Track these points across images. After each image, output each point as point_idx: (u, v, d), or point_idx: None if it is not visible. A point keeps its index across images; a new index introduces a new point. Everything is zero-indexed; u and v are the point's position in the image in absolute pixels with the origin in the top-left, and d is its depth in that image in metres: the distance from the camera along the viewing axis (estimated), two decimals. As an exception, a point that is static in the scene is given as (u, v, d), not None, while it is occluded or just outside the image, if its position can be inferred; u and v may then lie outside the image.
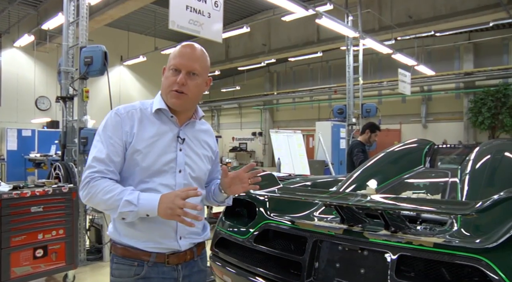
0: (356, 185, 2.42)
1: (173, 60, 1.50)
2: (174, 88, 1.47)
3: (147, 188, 1.43)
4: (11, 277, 3.53)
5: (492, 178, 2.23)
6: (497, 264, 1.30)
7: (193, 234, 1.53)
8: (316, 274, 1.69)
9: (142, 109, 1.52)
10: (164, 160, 1.46)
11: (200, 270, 1.60)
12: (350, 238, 1.65)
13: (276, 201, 2.14)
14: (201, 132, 1.63)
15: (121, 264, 1.48)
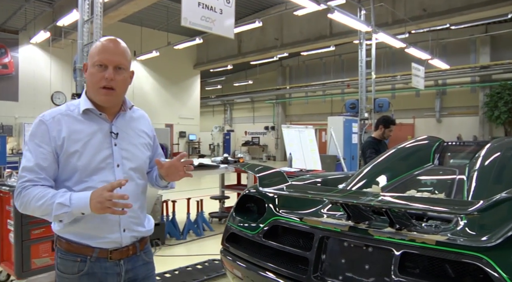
0: (364, 182, 2.46)
1: (98, 55, 1.47)
2: (102, 85, 1.46)
3: (88, 187, 1.43)
4: (32, 267, 3.67)
5: (501, 175, 2.25)
6: (497, 262, 1.34)
7: (136, 225, 1.55)
8: (322, 269, 1.74)
9: (68, 112, 1.51)
10: (100, 157, 1.47)
11: (144, 263, 1.62)
12: (356, 235, 1.70)
13: (285, 198, 2.20)
14: (133, 121, 1.63)
15: (65, 260, 1.50)
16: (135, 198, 1.55)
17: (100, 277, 1.50)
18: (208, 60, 21.36)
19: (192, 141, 22.52)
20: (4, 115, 14.43)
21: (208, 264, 4.24)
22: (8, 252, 3.87)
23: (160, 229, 5.19)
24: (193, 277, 3.87)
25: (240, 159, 6.46)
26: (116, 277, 1.53)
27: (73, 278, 1.49)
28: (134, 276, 1.58)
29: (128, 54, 1.55)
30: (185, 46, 15.08)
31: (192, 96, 22.11)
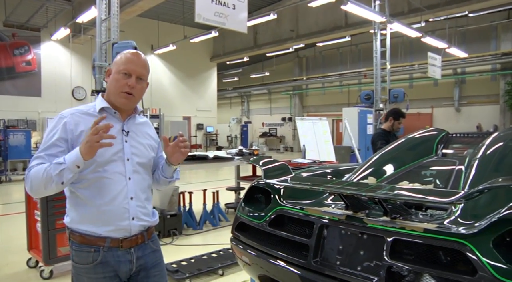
0: (367, 173, 2.58)
1: (124, 65, 1.67)
2: (125, 90, 1.66)
3: (101, 176, 1.61)
4: (58, 255, 3.92)
5: (499, 165, 2.32)
6: (477, 248, 1.45)
7: (144, 215, 1.71)
8: (322, 254, 1.88)
9: (85, 110, 1.70)
10: (113, 151, 1.63)
11: (153, 250, 1.78)
12: (352, 223, 1.82)
13: (290, 189, 2.34)
14: (140, 125, 1.82)
15: (79, 251, 1.64)
16: (142, 190, 1.73)
17: (113, 265, 1.65)
18: (225, 53, 21.49)
19: (210, 133, 22.78)
20: (28, 110, 14.92)
21: (223, 252, 4.42)
22: (36, 241, 4.14)
23: (177, 219, 5.41)
24: (208, 264, 4.06)
25: (254, 151, 6.61)
26: (129, 264, 1.68)
27: (88, 267, 1.63)
28: (144, 263, 1.74)
29: (148, 67, 1.76)
30: (201, 39, 15.23)
31: (209, 89, 22.32)
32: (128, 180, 1.66)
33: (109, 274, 1.65)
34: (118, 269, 1.66)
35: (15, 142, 11.61)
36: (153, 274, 1.77)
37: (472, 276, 1.43)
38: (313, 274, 1.85)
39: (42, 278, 3.90)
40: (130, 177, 1.67)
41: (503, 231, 1.46)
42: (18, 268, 4.22)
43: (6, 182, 11.19)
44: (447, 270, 1.52)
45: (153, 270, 1.77)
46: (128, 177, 1.67)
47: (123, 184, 1.65)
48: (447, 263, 1.58)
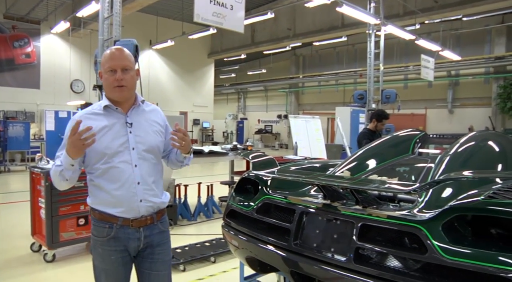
0: (348, 168, 2.83)
1: (107, 63, 1.88)
2: (115, 85, 1.87)
3: (111, 166, 1.86)
4: (60, 240, 4.17)
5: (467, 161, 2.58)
6: (430, 232, 1.71)
7: (152, 196, 1.93)
8: (301, 238, 2.14)
9: (93, 110, 1.93)
10: (119, 143, 1.88)
11: (160, 231, 2.01)
12: (327, 210, 2.08)
13: (277, 180, 2.59)
14: (146, 113, 2.01)
15: (97, 226, 1.92)
16: (149, 174, 1.95)
17: (123, 240, 1.91)
18: (222, 50, 21.69)
19: (206, 128, 23.01)
20: (26, 102, 15.08)
21: (215, 242, 4.68)
22: (40, 226, 4.39)
23: (173, 211, 5.66)
24: (201, 252, 4.32)
25: (248, 147, 6.86)
26: (137, 241, 1.93)
27: (103, 240, 1.91)
28: (150, 242, 1.98)
29: (131, 58, 1.95)
30: (200, 36, 15.42)
31: (206, 85, 22.53)
32: (134, 167, 1.89)
33: (119, 248, 1.91)
34: (127, 244, 1.92)
35: (14, 133, 11.80)
36: (157, 251, 2.00)
37: (423, 255, 1.70)
38: (293, 254, 2.12)
39: (46, 261, 4.15)
40: (136, 164, 1.90)
41: (450, 218, 1.72)
42: (22, 252, 4.47)
43: (5, 172, 11.40)
44: (404, 250, 1.78)
45: (158, 248, 2.00)
46: (134, 164, 1.89)
47: (129, 171, 1.88)
48: (405, 245, 1.84)
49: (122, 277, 1.96)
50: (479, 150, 2.78)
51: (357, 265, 1.87)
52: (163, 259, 2.03)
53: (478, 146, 2.81)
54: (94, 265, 1.98)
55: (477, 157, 2.69)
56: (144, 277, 2.02)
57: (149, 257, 1.99)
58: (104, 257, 1.92)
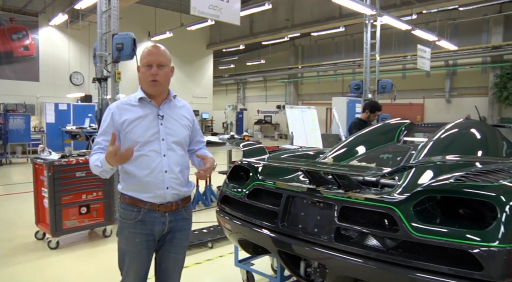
0: (335, 155, 2.99)
1: (145, 59, 2.05)
2: (150, 79, 2.03)
3: (141, 154, 2.02)
4: (63, 227, 4.35)
5: (448, 148, 2.74)
6: (402, 213, 1.87)
7: (177, 185, 2.09)
8: (288, 220, 2.31)
9: (128, 101, 2.10)
10: (150, 133, 2.04)
11: (183, 218, 2.17)
12: (311, 194, 2.25)
13: (268, 167, 2.75)
14: (177, 108, 2.19)
15: (126, 210, 2.09)
16: (176, 164, 2.10)
17: (150, 224, 2.06)
18: (221, 41, 21.71)
19: (205, 119, 23.14)
20: (26, 95, 15.16)
21: (213, 228, 4.86)
22: (43, 215, 4.56)
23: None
24: (199, 238, 4.50)
25: (245, 137, 7.01)
26: (162, 225, 2.08)
27: (130, 223, 2.07)
28: (174, 227, 2.14)
29: (167, 55, 2.11)
30: (198, 27, 15.46)
31: (205, 76, 22.60)
32: (163, 157, 2.05)
33: (145, 231, 2.06)
34: (153, 228, 2.07)
35: (15, 126, 11.93)
36: (178, 236, 2.16)
37: (396, 233, 1.86)
38: (280, 235, 2.29)
39: (50, 248, 4.33)
40: (165, 154, 2.05)
41: (420, 199, 1.88)
42: (27, 239, 4.65)
43: (7, 164, 11.56)
44: (380, 230, 1.95)
45: (179, 234, 2.17)
46: (163, 154, 2.05)
47: (158, 160, 2.04)
48: (381, 224, 2.00)
49: (144, 260, 2.10)
50: (458, 137, 2.94)
51: (338, 243, 2.04)
52: (181, 244, 2.20)
53: (458, 134, 2.97)
54: (119, 248, 2.14)
55: (456, 143, 2.85)
56: (163, 257, 2.18)
57: (170, 241, 2.16)
58: (129, 239, 2.08)
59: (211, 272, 3.88)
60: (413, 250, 1.88)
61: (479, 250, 1.66)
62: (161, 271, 2.21)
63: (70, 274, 3.75)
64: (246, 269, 3.40)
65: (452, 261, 1.75)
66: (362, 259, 1.95)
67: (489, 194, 1.77)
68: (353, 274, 2.06)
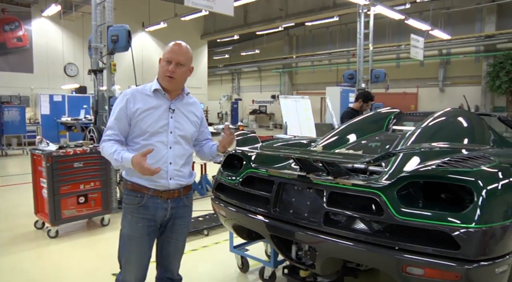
0: (326, 143, 3.10)
1: (167, 54, 2.11)
2: (167, 74, 2.09)
3: (148, 144, 2.08)
4: (62, 217, 4.45)
5: (434, 135, 2.85)
6: (386, 196, 1.99)
7: (180, 177, 2.18)
8: (279, 205, 2.42)
9: (143, 90, 2.16)
10: (160, 124, 2.11)
11: (184, 205, 2.25)
12: (302, 181, 2.36)
13: (261, 155, 2.85)
14: (188, 105, 2.26)
15: (129, 195, 2.16)
16: (180, 157, 2.18)
17: (152, 209, 2.14)
18: (215, 31, 21.66)
19: (200, 110, 23.15)
20: (20, 86, 15.10)
21: (208, 217, 4.98)
22: (42, 205, 4.65)
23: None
24: (195, 226, 4.62)
25: (239, 127, 7.10)
26: (164, 211, 2.16)
27: (134, 208, 2.15)
28: (175, 213, 2.21)
29: (189, 55, 2.16)
30: (192, 17, 15.43)
31: (199, 66, 22.56)
32: (169, 149, 2.13)
33: (147, 216, 2.14)
34: (155, 213, 2.14)
35: (10, 118, 11.91)
36: (178, 223, 2.25)
37: (380, 216, 1.98)
38: (272, 220, 2.40)
39: (49, 237, 4.43)
40: (171, 146, 2.14)
41: (403, 185, 2.00)
42: (27, 229, 4.75)
43: (3, 156, 11.59)
44: (365, 213, 2.06)
45: (179, 220, 2.25)
46: (169, 146, 2.13)
47: (164, 151, 2.12)
48: (367, 209, 2.12)
49: (146, 246, 2.17)
50: (444, 126, 3.05)
51: (327, 227, 2.15)
52: (182, 230, 2.30)
53: (444, 122, 3.08)
54: (121, 234, 2.21)
55: (441, 132, 2.96)
56: (164, 243, 2.28)
57: (171, 227, 2.24)
58: (132, 224, 2.15)
59: (207, 258, 4.00)
60: (398, 232, 2.00)
61: (455, 231, 1.78)
62: (163, 256, 2.30)
63: (69, 262, 3.86)
64: (241, 255, 3.53)
65: (433, 242, 1.88)
66: (350, 242, 2.06)
67: (467, 178, 1.89)
68: (342, 255, 2.18)
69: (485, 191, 1.83)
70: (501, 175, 1.99)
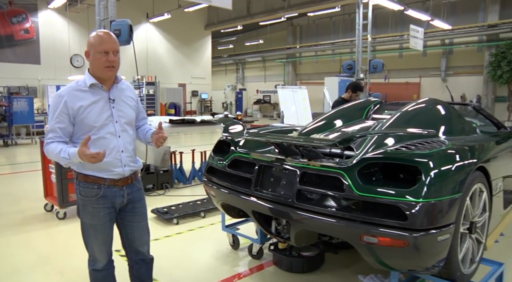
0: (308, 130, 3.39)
1: (100, 46, 2.12)
2: (107, 65, 2.13)
3: (99, 137, 2.15)
4: (70, 200, 4.79)
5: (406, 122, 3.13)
6: (348, 175, 2.28)
7: (132, 163, 2.30)
8: (260, 185, 2.72)
9: (78, 87, 2.17)
10: (104, 117, 2.18)
11: (138, 188, 2.37)
12: (279, 163, 2.66)
13: (247, 141, 3.15)
14: (123, 90, 2.31)
15: (85, 188, 2.20)
16: (129, 144, 2.30)
17: (111, 198, 2.24)
18: (219, 21, 21.83)
19: (204, 99, 23.47)
20: (28, 78, 15.46)
21: (206, 200, 5.30)
22: (51, 189, 5.01)
23: (169, 175, 6.28)
24: (193, 209, 4.96)
25: (238, 116, 7.39)
26: (121, 197, 2.28)
27: (93, 199, 2.21)
28: (132, 198, 2.33)
29: (118, 41, 2.23)
30: (195, 8, 15.63)
31: (203, 57, 22.80)
32: (118, 138, 2.24)
33: (107, 205, 2.25)
34: (114, 201, 2.26)
35: (19, 108, 12.30)
36: (137, 206, 2.38)
37: (343, 192, 2.28)
38: (254, 198, 2.71)
39: (58, 218, 4.80)
40: (120, 135, 2.24)
41: (363, 165, 2.29)
42: (37, 211, 5.12)
43: (13, 145, 12.01)
44: (332, 190, 2.36)
45: (137, 203, 2.38)
46: (118, 135, 2.23)
47: (115, 141, 2.22)
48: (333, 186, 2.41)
49: (108, 231, 2.29)
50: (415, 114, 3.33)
51: (298, 203, 2.46)
52: (142, 211, 2.42)
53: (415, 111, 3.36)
54: (83, 223, 2.28)
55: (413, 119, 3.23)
56: (128, 227, 2.38)
57: (131, 212, 2.36)
58: (93, 214, 2.23)
59: (202, 237, 4.33)
60: (358, 207, 2.30)
61: (403, 205, 2.08)
62: (129, 241, 2.41)
63: (76, 240, 4.15)
64: (232, 233, 3.86)
65: (387, 214, 2.17)
66: (318, 215, 2.36)
67: (415, 160, 2.18)
68: (311, 228, 2.49)
69: (429, 171, 2.12)
70: (446, 158, 2.28)
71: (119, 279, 2.50)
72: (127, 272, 2.53)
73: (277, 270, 3.41)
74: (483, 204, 2.62)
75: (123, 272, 2.56)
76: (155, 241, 4.03)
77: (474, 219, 2.55)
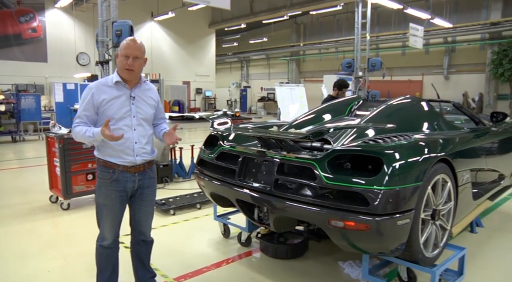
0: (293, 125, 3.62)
1: (124, 50, 2.48)
2: (126, 68, 2.47)
3: (116, 128, 2.46)
4: (73, 192, 5.08)
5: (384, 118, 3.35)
6: (319, 166, 2.51)
7: (145, 154, 2.59)
8: (243, 175, 2.97)
9: (106, 82, 2.54)
10: (123, 111, 2.51)
11: (149, 177, 2.67)
12: (260, 155, 2.90)
13: (234, 136, 3.40)
14: (146, 90, 2.65)
15: (102, 171, 2.56)
16: (143, 137, 2.60)
17: (123, 182, 2.56)
18: (222, 20, 22.07)
19: (208, 97, 23.75)
20: (36, 75, 15.83)
21: (202, 193, 5.53)
22: (56, 182, 5.29)
23: (169, 169, 6.55)
24: (189, 201, 5.22)
25: (236, 113, 7.64)
26: (132, 183, 2.59)
27: (107, 182, 2.56)
28: (142, 184, 2.65)
29: (142, 48, 2.54)
30: (199, 7, 15.87)
31: (208, 55, 23.07)
32: (134, 131, 2.55)
33: (119, 188, 2.56)
34: (125, 185, 2.57)
35: (26, 105, 12.64)
36: (146, 192, 2.69)
37: (314, 181, 2.52)
38: (237, 187, 2.96)
39: (62, 209, 5.09)
40: (135, 128, 2.55)
41: (333, 157, 2.53)
42: (43, 202, 5.41)
43: (20, 141, 12.37)
44: (305, 179, 2.60)
45: (147, 190, 2.69)
46: (134, 128, 2.54)
47: (130, 133, 2.53)
48: (306, 175, 2.65)
49: (118, 212, 2.61)
50: (392, 111, 3.56)
51: (276, 191, 2.70)
52: (150, 198, 2.75)
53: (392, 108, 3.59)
54: (97, 203, 2.62)
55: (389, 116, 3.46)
56: (135, 210, 2.71)
57: (140, 197, 2.67)
58: (106, 195, 2.57)
59: (197, 227, 4.59)
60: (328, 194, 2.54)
61: (365, 192, 2.32)
62: (135, 222, 2.75)
63: (79, 229, 4.49)
64: (223, 222, 4.11)
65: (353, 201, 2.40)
66: (292, 202, 2.61)
67: (377, 151, 2.42)
68: (288, 214, 2.74)
69: (391, 162, 2.35)
70: (407, 150, 2.51)
71: (122, 263, 2.81)
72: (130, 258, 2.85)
73: (263, 256, 3.66)
74: (447, 194, 2.85)
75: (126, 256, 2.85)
76: (152, 230, 4.29)
77: (438, 207, 2.77)
